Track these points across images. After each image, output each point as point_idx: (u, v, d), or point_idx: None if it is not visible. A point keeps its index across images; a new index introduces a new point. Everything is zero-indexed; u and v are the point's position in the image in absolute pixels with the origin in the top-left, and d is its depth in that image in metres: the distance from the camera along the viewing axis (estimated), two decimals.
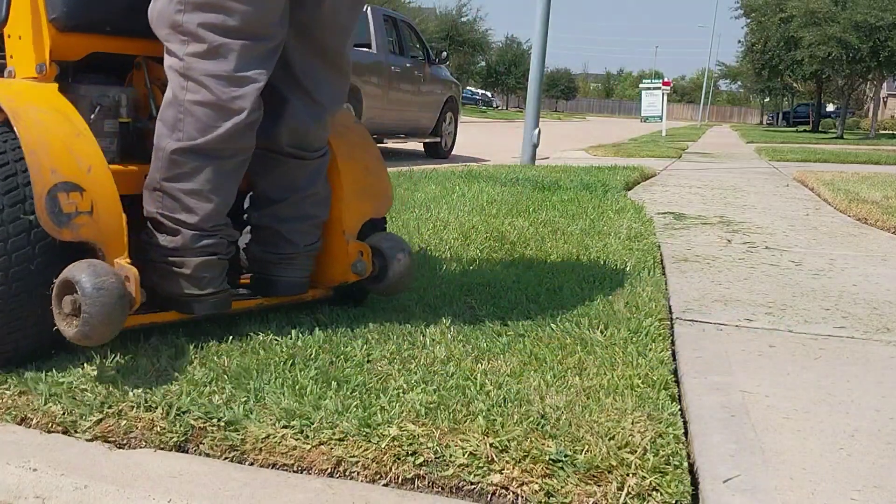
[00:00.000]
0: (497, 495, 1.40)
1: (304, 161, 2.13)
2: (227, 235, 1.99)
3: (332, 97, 2.13)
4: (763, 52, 29.78)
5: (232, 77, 1.87)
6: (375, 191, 2.29)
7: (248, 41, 1.88)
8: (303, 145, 2.11)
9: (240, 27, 1.86)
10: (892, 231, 4.56)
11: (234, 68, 1.87)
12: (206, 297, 1.96)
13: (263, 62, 1.92)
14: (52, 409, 1.60)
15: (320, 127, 2.12)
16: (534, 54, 9.07)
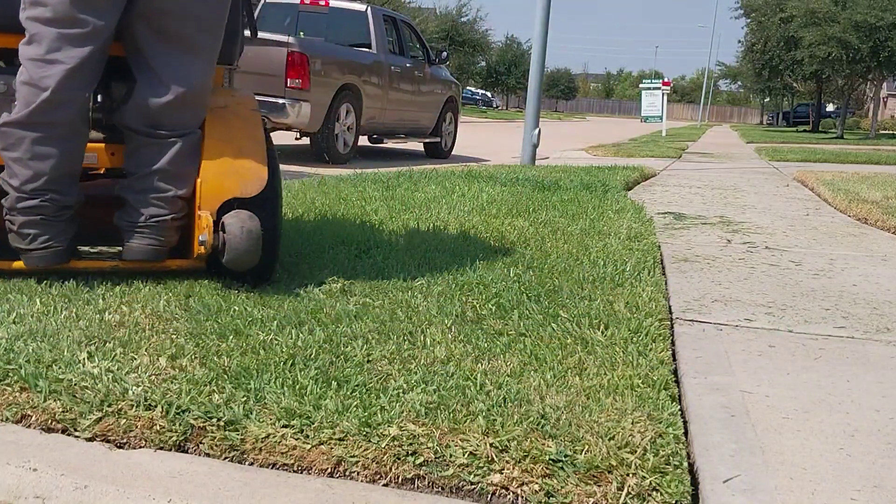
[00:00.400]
0: (497, 495, 1.40)
1: (155, 139, 2.34)
2: (51, 200, 2.24)
3: (179, 79, 2.31)
4: (763, 52, 29.78)
5: (43, 59, 2.18)
6: (245, 172, 2.39)
7: (59, 29, 2.17)
8: (152, 124, 2.33)
9: (52, 17, 2.17)
10: (892, 231, 4.56)
11: (44, 52, 2.18)
12: (33, 252, 2.28)
13: (74, 47, 2.19)
14: (51, 407, 1.60)
15: (169, 107, 2.32)
16: (534, 54, 9.07)
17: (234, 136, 2.46)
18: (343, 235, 3.37)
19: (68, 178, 2.33)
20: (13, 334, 1.93)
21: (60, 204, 2.28)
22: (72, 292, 2.32)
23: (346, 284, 2.56)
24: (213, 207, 2.33)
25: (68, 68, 2.18)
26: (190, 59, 2.34)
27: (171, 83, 2.32)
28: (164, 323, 2.09)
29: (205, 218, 2.30)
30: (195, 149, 2.40)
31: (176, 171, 2.36)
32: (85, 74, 2.24)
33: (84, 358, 1.80)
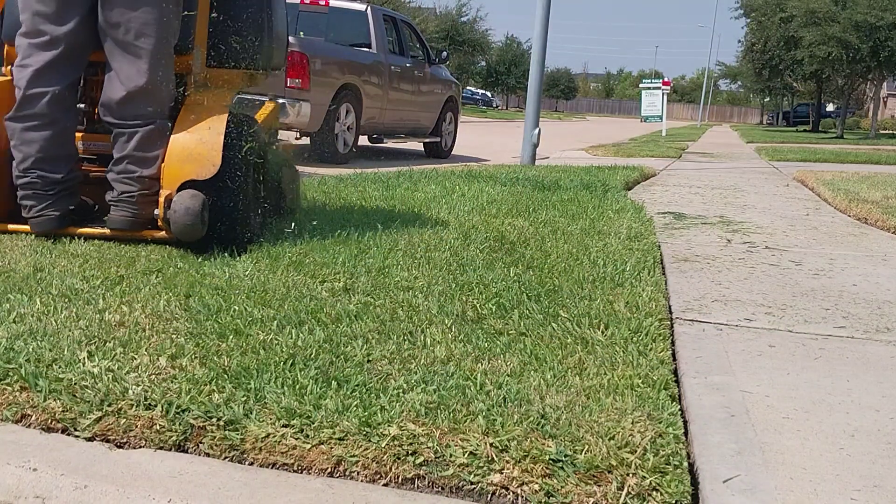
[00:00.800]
0: (497, 495, 1.40)
1: (122, 129, 2.86)
2: (39, 177, 2.83)
3: (128, 78, 2.83)
4: (763, 52, 29.78)
5: (20, 65, 2.81)
6: (201, 158, 2.81)
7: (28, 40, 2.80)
8: (117, 116, 2.86)
9: (25, 31, 2.81)
10: (892, 231, 4.56)
11: (20, 59, 2.82)
12: (31, 219, 2.85)
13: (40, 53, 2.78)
14: (51, 406, 1.60)
15: (124, 101, 2.84)
16: (534, 54, 9.07)
17: (195, 128, 2.86)
18: (343, 235, 3.37)
19: (55, 159, 2.86)
20: (13, 334, 1.93)
21: (49, 180, 2.84)
22: (72, 292, 2.32)
23: (347, 284, 2.56)
24: (173, 188, 2.80)
25: (35, 69, 2.77)
26: (136, 62, 2.83)
27: (123, 82, 2.84)
28: (164, 323, 2.09)
29: (162, 196, 2.82)
30: (159, 136, 2.89)
31: (141, 155, 2.87)
32: (52, 74, 2.80)
33: (84, 357, 1.80)
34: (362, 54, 9.46)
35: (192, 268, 2.68)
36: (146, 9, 2.79)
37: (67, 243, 2.99)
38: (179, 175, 2.80)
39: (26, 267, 2.60)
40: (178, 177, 2.80)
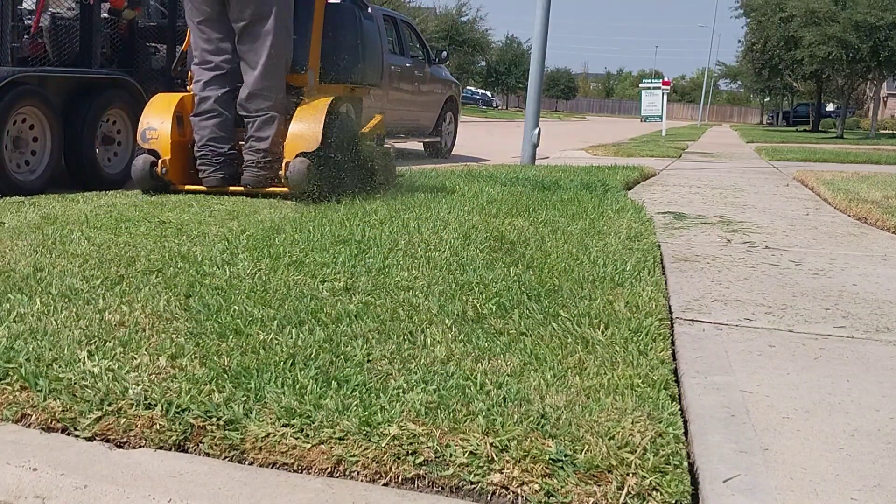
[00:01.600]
0: (497, 495, 1.40)
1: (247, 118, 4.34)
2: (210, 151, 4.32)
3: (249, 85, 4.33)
4: (763, 52, 29.76)
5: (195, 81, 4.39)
6: (308, 138, 4.22)
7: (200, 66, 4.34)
8: (243, 109, 4.36)
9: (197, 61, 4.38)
10: (892, 231, 4.56)
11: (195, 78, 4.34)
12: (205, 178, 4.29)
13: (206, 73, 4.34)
14: (51, 406, 1.60)
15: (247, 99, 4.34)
16: (534, 54, 9.06)
17: (303, 116, 4.29)
18: (343, 235, 3.37)
19: (220, 140, 4.34)
20: (13, 333, 1.93)
21: (216, 152, 4.30)
22: (72, 292, 2.32)
23: (347, 283, 2.56)
24: (291, 157, 4.20)
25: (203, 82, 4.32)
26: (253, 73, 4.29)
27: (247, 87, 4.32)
28: (164, 322, 2.09)
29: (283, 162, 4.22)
30: (270, 123, 4.30)
31: (258, 135, 4.28)
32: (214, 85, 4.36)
33: (84, 357, 1.80)
34: None
35: (193, 268, 2.68)
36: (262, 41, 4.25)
37: (68, 244, 2.99)
38: (294, 149, 4.21)
39: (26, 267, 2.60)
40: (294, 150, 4.21)
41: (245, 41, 4.20)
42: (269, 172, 4.25)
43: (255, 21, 4.16)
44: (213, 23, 4.25)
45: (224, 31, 4.26)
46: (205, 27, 4.29)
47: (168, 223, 3.56)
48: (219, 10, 4.18)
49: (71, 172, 5.40)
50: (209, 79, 4.25)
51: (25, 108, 4.94)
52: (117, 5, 5.93)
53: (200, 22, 4.29)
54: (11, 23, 4.98)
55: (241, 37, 4.22)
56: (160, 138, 4.28)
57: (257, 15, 4.16)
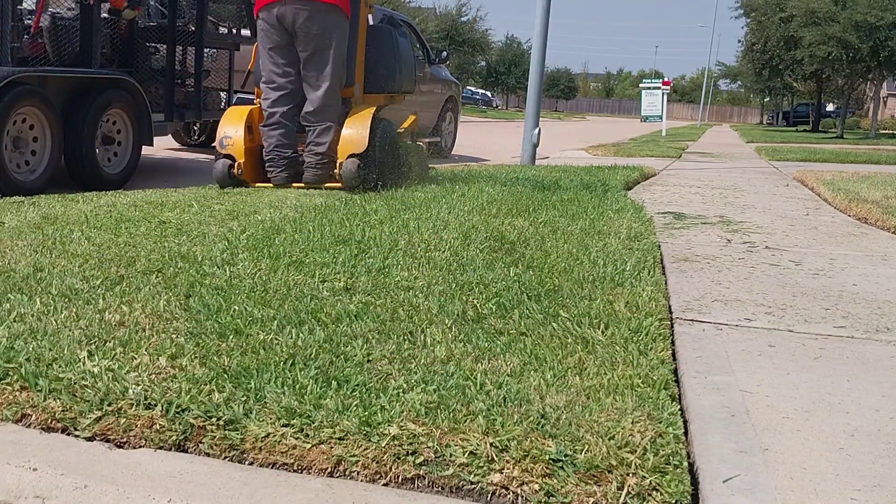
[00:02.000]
0: (497, 495, 1.40)
1: (309, 127, 5.04)
2: (276, 155, 5.01)
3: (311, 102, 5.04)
4: (763, 52, 29.75)
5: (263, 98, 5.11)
6: (356, 141, 4.97)
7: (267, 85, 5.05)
8: (306, 120, 5.04)
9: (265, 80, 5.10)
10: (892, 231, 4.56)
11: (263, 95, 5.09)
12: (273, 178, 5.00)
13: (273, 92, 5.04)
14: (51, 406, 1.60)
15: (310, 113, 5.03)
16: (534, 54, 9.06)
17: (352, 124, 5.04)
18: (343, 235, 3.37)
19: (284, 146, 5.04)
20: (13, 333, 1.93)
21: (282, 156, 5.01)
22: (72, 292, 2.32)
23: (347, 283, 2.56)
24: (343, 157, 4.96)
25: (272, 100, 4.99)
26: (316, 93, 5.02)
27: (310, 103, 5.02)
28: (164, 322, 2.09)
29: (338, 162, 4.99)
30: (328, 131, 5.01)
31: (318, 140, 5.01)
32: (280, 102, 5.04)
33: (84, 357, 1.80)
34: None
35: (192, 268, 2.68)
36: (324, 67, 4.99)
37: (68, 244, 3.00)
38: (346, 151, 4.97)
39: (26, 267, 2.60)
40: (345, 152, 4.97)
41: (309, 67, 4.98)
42: (326, 171, 5.03)
43: (319, 51, 4.92)
44: (281, 50, 4.96)
45: (290, 58, 4.98)
46: (274, 53, 4.99)
47: (168, 223, 3.56)
48: (287, 40, 4.93)
49: (71, 172, 5.40)
50: (276, 98, 5.00)
51: (25, 108, 4.94)
52: (117, 5, 5.93)
53: (271, 49, 4.99)
54: (11, 23, 4.97)
55: (305, 63, 4.99)
56: (235, 145, 5.04)
57: (320, 46, 4.93)
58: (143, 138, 5.94)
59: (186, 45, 6.64)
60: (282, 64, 4.99)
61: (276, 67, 4.99)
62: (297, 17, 4.82)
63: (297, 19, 4.82)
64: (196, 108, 6.78)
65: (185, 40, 6.61)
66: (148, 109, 5.90)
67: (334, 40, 4.93)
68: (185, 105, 6.70)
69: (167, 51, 6.41)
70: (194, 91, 6.77)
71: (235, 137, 5.03)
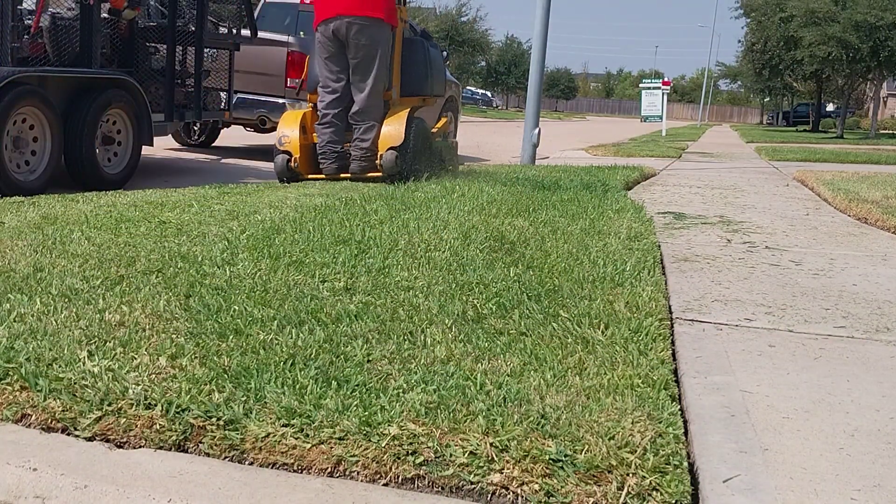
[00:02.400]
0: (497, 495, 1.40)
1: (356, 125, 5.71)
2: (328, 149, 5.75)
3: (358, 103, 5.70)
4: (763, 52, 29.75)
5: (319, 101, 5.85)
6: (395, 136, 5.67)
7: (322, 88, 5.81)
8: (353, 119, 5.72)
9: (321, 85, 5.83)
10: (892, 231, 4.56)
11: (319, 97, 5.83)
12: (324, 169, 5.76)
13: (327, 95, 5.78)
14: (51, 406, 1.60)
15: (356, 113, 5.70)
16: (534, 54, 9.06)
17: (392, 122, 5.76)
18: (343, 235, 3.37)
19: (335, 141, 5.75)
20: (14, 333, 1.93)
21: (333, 150, 5.71)
22: (72, 292, 2.32)
23: (348, 283, 2.56)
24: (384, 150, 5.63)
25: (326, 102, 5.68)
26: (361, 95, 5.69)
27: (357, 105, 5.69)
28: (164, 323, 2.09)
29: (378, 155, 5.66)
30: (372, 129, 5.69)
31: (363, 136, 5.67)
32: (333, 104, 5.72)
33: (84, 357, 1.80)
34: None
35: (192, 268, 2.68)
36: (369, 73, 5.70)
37: (68, 244, 3.00)
38: (385, 144, 5.68)
39: (26, 267, 2.60)
40: (385, 145, 5.68)
41: (357, 73, 5.73)
42: (370, 163, 5.72)
43: (366, 59, 5.69)
44: (335, 59, 5.76)
45: (342, 65, 5.76)
46: (329, 62, 5.78)
47: (168, 223, 3.56)
48: (340, 50, 5.73)
49: (71, 172, 5.40)
50: (330, 100, 5.77)
51: (25, 108, 4.94)
52: (117, 5, 5.93)
53: (327, 58, 5.77)
54: (11, 23, 4.97)
55: (354, 69, 5.74)
56: (291, 143, 5.78)
57: (368, 56, 5.70)
58: (143, 138, 5.94)
59: (186, 45, 6.64)
60: (335, 71, 5.75)
61: (331, 74, 5.76)
62: (350, 30, 5.64)
63: (350, 32, 5.64)
64: (196, 108, 6.78)
65: (185, 40, 6.61)
66: (148, 109, 5.90)
67: (380, 49, 5.72)
68: (185, 105, 6.70)
69: (167, 51, 6.41)
70: (194, 91, 6.77)
71: (292, 136, 5.79)
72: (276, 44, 8.19)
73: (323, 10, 5.70)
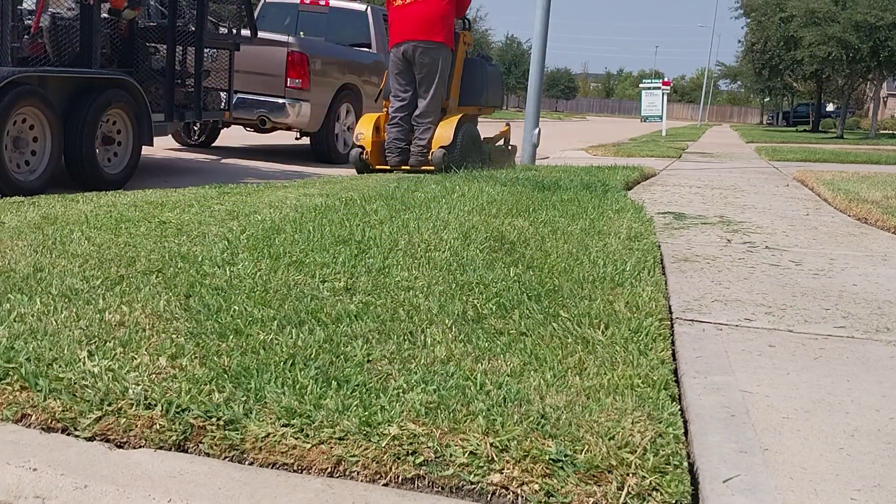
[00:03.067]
0: (497, 495, 1.40)
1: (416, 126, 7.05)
2: (394, 145, 7.08)
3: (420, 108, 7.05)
4: (763, 52, 29.76)
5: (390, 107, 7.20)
6: (445, 137, 6.88)
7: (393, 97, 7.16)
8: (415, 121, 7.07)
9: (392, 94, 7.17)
10: (892, 231, 4.56)
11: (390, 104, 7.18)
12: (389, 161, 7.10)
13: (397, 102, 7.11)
14: (51, 406, 1.60)
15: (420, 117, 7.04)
16: (534, 54, 9.06)
17: (447, 127, 6.89)
18: (343, 235, 3.37)
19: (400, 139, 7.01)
20: (14, 333, 1.93)
21: (398, 146, 7.01)
22: (72, 292, 2.32)
23: (348, 283, 2.56)
24: (436, 148, 6.82)
25: (395, 108, 7.05)
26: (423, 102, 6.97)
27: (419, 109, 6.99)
28: (165, 323, 2.09)
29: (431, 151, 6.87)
30: (428, 129, 6.91)
31: (421, 136, 6.93)
32: (401, 109, 7.04)
33: (84, 357, 1.80)
34: (362, 54, 9.46)
35: (192, 268, 2.68)
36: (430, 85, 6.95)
37: (68, 244, 3.00)
38: (437, 143, 6.84)
39: (26, 267, 2.60)
40: (437, 144, 6.84)
41: (421, 85, 7.05)
42: (425, 158, 6.95)
43: (428, 75, 7.01)
44: (404, 74, 7.07)
45: (409, 79, 7.06)
46: (399, 77, 7.09)
47: (168, 223, 3.57)
48: (407, 67, 7.04)
49: (71, 172, 5.40)
50: (398, 106, 7.06)
51: (25, 108, 4.94)
52: (117, 5, 5.93)
53: (397, 74, 7.09)
54: (11, 23, 4.97)
55: (419, 83, 7.05)
56: (365, 139, 7.05)
57: (429, 72, 7.01)
58: (143, 138, 5.94)
59: (186, 45, 6.64)
60: (403, 84, 7.07)
61: (400, 86, 7.09)
62: (416, 51, 6.96)
63: (416, 53, 6.97)
64: (196, 108, 6.78)
65: (185, 40, 6.60)
66: (148, 109, 5.90)
67: (439, 67, 7.03)
68: (185, 105, 6.70)
69: (167, 51, 6.40)
70: (194, 91, 6.77)
71: (366, 134, 7.08)
72: (276, 44, 8.20)
73: (395, 36, 7.09)
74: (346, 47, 9.35)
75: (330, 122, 8.66)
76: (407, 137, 7.04)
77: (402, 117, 7.03)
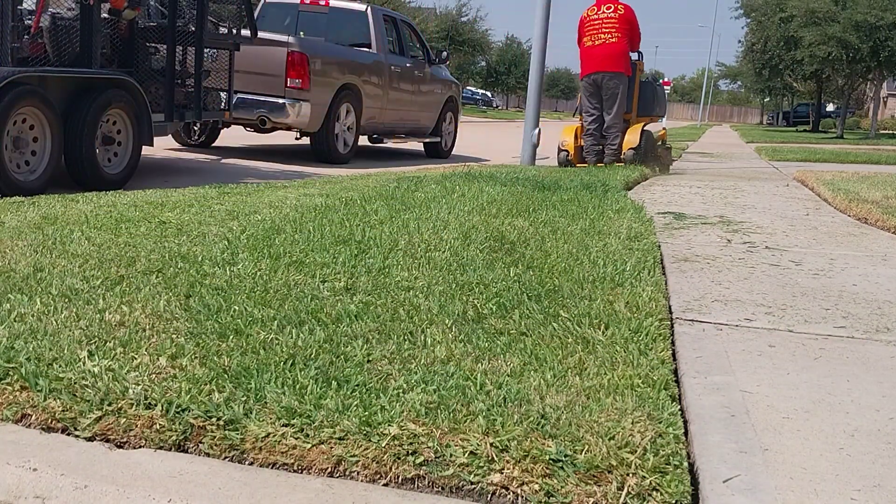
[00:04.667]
0: (497, 495, 1.40)
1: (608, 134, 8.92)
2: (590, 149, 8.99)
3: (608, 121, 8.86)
4: (763, 52, 29.78)
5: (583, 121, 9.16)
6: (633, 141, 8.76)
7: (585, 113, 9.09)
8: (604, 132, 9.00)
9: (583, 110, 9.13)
10: (892, 231, 4.56)
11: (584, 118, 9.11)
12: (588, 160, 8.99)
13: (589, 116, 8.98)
14: (51, 406, 1.60)
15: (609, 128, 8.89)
16: (534, 54, 9.07)
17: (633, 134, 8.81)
18: (344, 235, 3.37)
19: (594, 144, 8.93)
20: (14, 333, 1.93)
21: (592, 151, 8.95)
22: (72, 292, 2.32)
23: (348, 283, 2.56)
24: (626, 149, 8.73)
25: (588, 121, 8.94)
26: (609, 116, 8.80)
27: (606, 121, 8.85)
28: (165, 323, 2.09)
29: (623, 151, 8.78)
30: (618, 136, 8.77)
31: (613, 142, 8.82)
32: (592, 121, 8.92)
33: (84, 357, 1.80)
34: (362, 54, 9.45)
35: (193, 268, 2.68)
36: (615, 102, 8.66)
37: (68, 244, 3.00)
38: (627, 145, 8.64)
39: (26, 267, 2.60)
40: (627, 146, 8.63)
41: (608, 103, 8.69)
42: (616, 157, 8.58)
43: (612, 96, 8.63)
44: (594, 96, 8.74)
45: (598, 99, 8.74)
46: (590, 98, 8.76)
47: (168, 223, 3.57)
48: (596, 91, 8.71)
49: (71, 172, 5.40)
50: (590, 120, 8.75)
51: (25, 108, 4.93)
52: (117, 5, 5.93)
53: (589, 95, 8.77)
54: (11, 23, 4.97)
55: (606, 102, 8.69)
56: (568, 145, 8.90)
57: (613, 94, 8.62)
58: (143, 138, 5.93)
59: (186, 45, 6.63)
60: (594, 102, 8.77)
61: (591, 105, 8.79)
62: (603, 79, 8.65)
63: (603, 80, 8.66)
64: (196, 108, 6.78)
65: (185, 40, 6.60)
66: (148, 109, 5.90)
67: (621, 89, 8.67)
68: (185, 105, 6.70)
69: (167, 51, 6.40)
70: (194, 91, 6.76)
71: (569, 141, 8.94)
72: (276, 44, 8.19)
73: (586, 68, 8.83)
74: (346, 47, 9.35)
75: (330, 122, 8.66)
76: (598, 143, 8.92)
77: (594, 129, 8.88)
